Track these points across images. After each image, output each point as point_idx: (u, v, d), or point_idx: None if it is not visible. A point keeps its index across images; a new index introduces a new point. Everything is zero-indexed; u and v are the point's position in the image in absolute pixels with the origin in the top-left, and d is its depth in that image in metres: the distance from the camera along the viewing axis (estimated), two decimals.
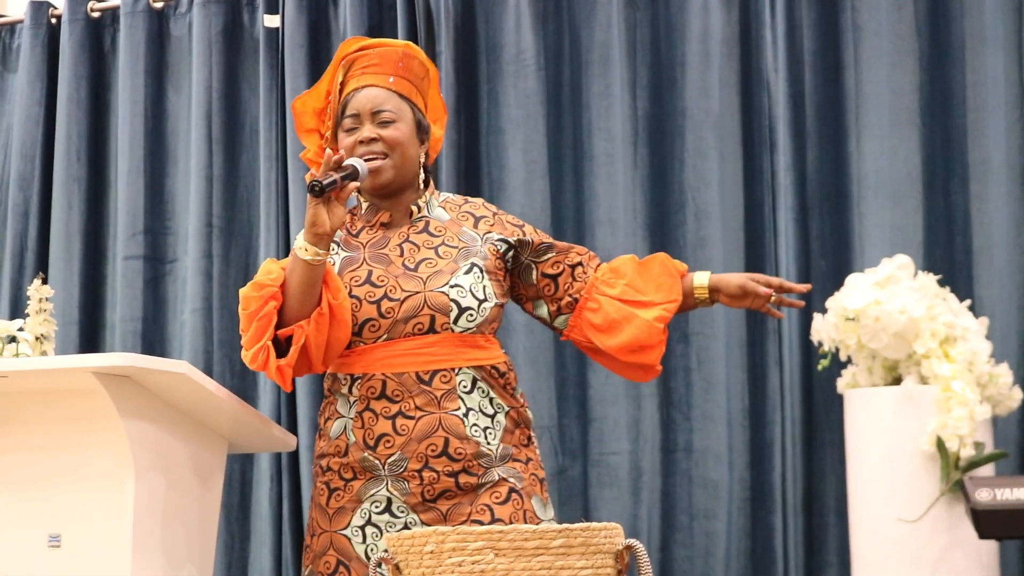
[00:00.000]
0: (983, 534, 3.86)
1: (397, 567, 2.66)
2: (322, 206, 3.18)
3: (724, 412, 5.15)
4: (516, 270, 3.46)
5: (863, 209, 5.11)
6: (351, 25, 5.51)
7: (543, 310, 3.47)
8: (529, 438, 3.38)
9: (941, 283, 4.78)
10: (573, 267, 3.45)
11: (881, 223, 5.07)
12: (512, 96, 5.43)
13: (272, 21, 5.65)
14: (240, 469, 5.49)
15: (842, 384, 4.81)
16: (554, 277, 3.44)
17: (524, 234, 3.45)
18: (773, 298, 3.43)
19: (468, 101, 5.49)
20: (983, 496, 3.84)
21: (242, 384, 5.50)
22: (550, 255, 3.46)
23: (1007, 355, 4.81)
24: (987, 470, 4.56)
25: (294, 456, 5.36)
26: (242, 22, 5.75)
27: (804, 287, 3.50)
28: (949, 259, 5.05)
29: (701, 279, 3.47)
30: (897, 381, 4.68)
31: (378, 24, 5.56)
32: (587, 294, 3.43)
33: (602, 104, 5.37)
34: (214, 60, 5.69)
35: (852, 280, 4.72)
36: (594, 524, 2.59)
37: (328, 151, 3.29)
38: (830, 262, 5.10)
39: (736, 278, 3.45)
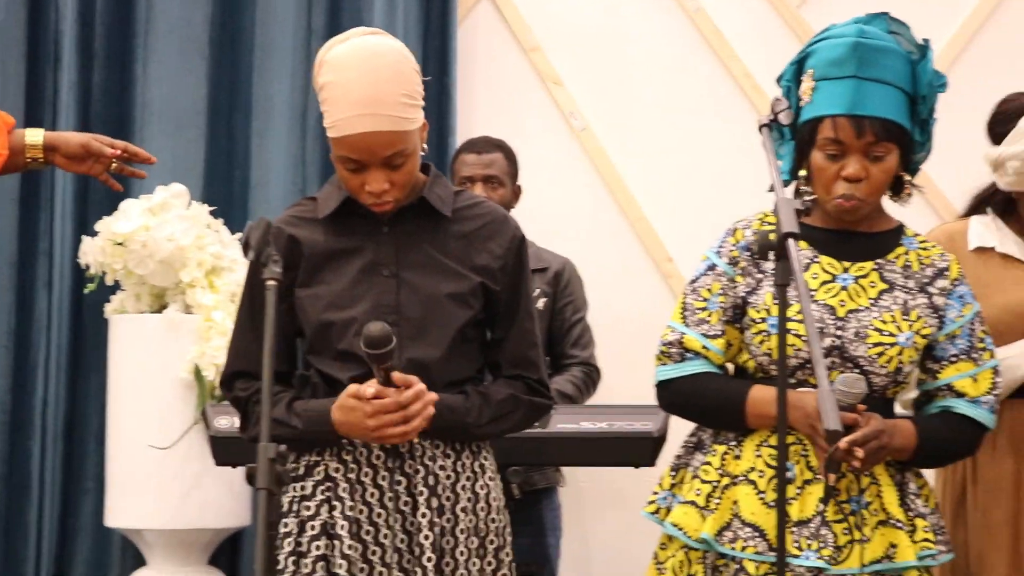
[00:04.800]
0: (219, 461, 3.93)
1: None
2: None
3: None
4: None
5: (146, 135, 5.06)
6: None
7: None
8: None
9: (216, 214, 4.81)
10: None
11: (163, 150, 5.03)
12: None
13: None
14: None
15: (109, 309, 4.76)
16: None
17: None
18: (115, 165, 3.11)
19: None
20: (222, 424, 3.89)
21: None
22: None
23: None
24: None
25: None
26: None
27: (150, 157, 3.19)
28: (227, 191, 5.11)
29: (34, 136, 3.04)
30: (165, 308, 4.68)
31: None
32: None
33: None
34: None
35: (124, 205, 4.68)
36: None
37: None
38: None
39: (78, 136, 3.11)
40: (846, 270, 2.94)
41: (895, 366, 2.89)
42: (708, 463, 2.94)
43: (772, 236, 2.65)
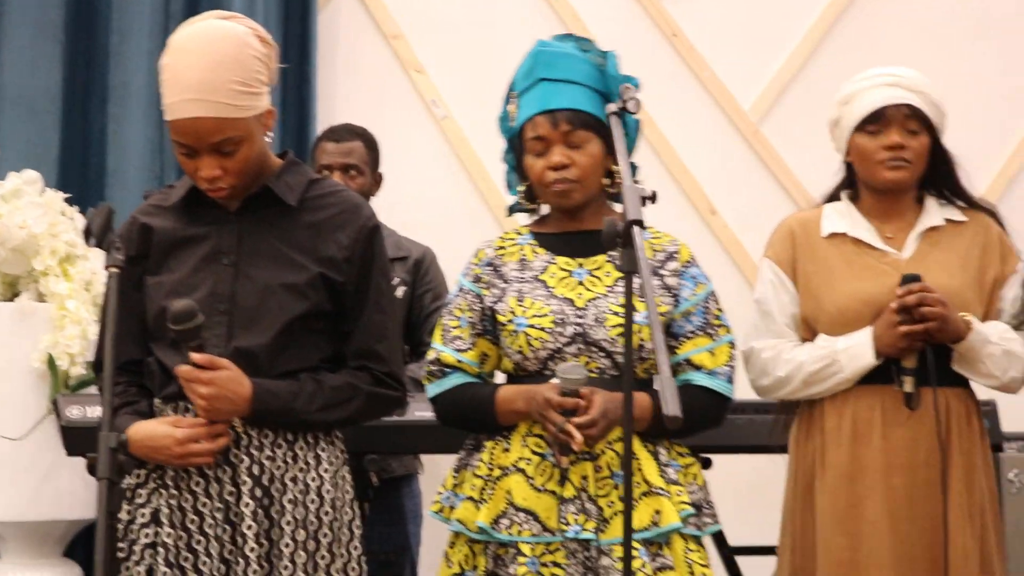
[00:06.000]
0: (70, 451, 3.87)
1: None
2: None
3: None
4: None
5: None
6: None
7: None
8: None
9: (71, 202, 4.73)
10: None
11: (17, 136, 4.97)
12: None
13: None
14: None
15: None
16: None
17: None
18: None
19: None
20: (73, 413, 3.84)
21: None
22: None
23: None
24: None
25: None
26: None
27: None
28: (83, 178, 5.04)
29: None
30: (17, 296, 4.59)
31: None
32: None
33: None
34: None
35: None
36: None
37: None
38: None
39: None
40: (581, 266, 3.15)
41: (636, 344, 3.03)
42: (481, 459, 3.12)
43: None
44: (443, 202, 5.34)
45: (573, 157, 3.08)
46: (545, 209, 3.27)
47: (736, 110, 5.51)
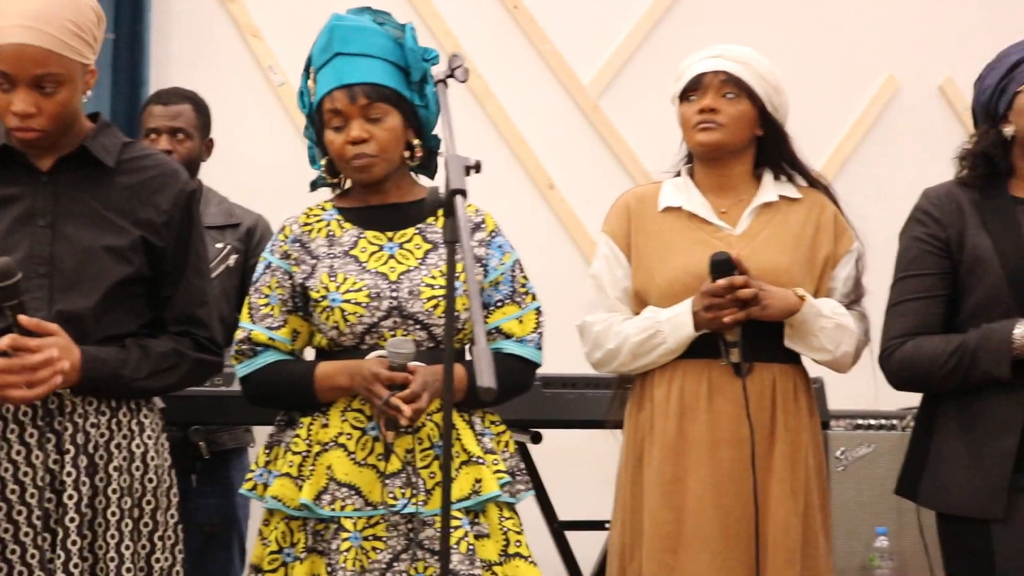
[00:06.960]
0: None
1: None
2: None
3: None
4: None
5: None
6: None
7: None
8: None
9: None
10: None
11: None
12: None
13: None
14: None
15: None
16: None
17: None
18: None
19: None
20: None
21: None
22: None
23: None
24: None
25: None
26: None
27: None
28: None
29: None
30: None
31: None
32: None
33: None
34: None
35: None
36: None
37: None
38: None
39: None
40: (390, 239, 3.16)
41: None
42: (297, 435, 3.11)
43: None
44: (279, 170, 5.25)
45: (372, 131, 3.10)
46: (348, 183, 3.26)
47: (576, 84, 5.50)
